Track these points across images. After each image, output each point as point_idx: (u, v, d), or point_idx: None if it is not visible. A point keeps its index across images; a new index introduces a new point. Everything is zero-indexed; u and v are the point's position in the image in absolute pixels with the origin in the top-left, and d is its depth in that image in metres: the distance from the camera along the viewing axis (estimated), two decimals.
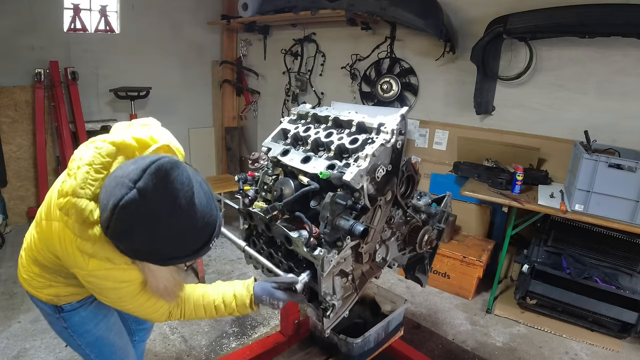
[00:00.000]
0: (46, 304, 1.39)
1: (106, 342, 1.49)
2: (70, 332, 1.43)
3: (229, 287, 1.42)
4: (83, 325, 1.43)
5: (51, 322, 1.45)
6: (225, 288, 1.41)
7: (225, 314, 1.40)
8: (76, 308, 1.41)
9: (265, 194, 1.63)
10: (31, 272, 1.35)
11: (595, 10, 2.65)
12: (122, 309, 1.27)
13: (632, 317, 2.69)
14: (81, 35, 4.38)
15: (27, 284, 1.39)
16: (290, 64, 4.87)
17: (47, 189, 4.48)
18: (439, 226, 1.81)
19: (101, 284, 1.17)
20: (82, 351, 1.48)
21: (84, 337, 1.44)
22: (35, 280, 1.35)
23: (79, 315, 1.41)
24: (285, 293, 1.38)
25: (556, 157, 3.24)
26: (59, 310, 1.39)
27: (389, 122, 1.38)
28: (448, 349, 2.70)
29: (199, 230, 1.01)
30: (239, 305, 1.39)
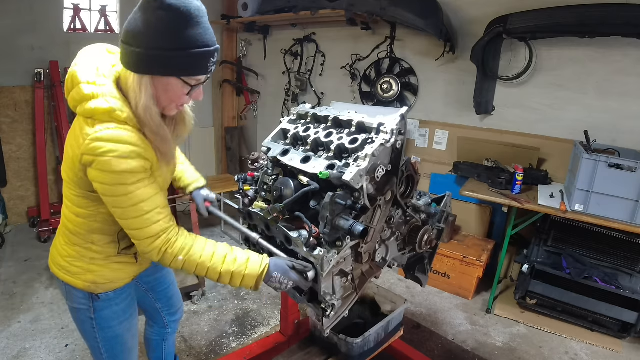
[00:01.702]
0: (81, 291, 1.40)
1: (121, 341, 1.52)
2: (94, 323, 1.44)
3: (243, 252, 1.35)
4: (109, 320, 1.45)
5: (77, 310, 1.45)
6: (240, 251, 1.34)
7: (227, 276, 1.30)
8: (111, 298, 1.43)
9: (265, 194, 1.63)
10: (68, 257, 1.37)
11: (595, 10, 2.65)
12: (125, 215, 1.20)
13: (632, 317, 2.69)
14: (81, 35, 4.39)
15: (63, 272, 1.39)
16: (290, 64, 4.87)
17: (47, 189, 4.47)
18: (438, 226, 1.81)
19: (112, 166, 1.12)
20: (95, 344, 1.49)
21: (104, 331, 1.46)
22: (73, 265, 1.37)
23: (110, 310, 1.44)
24: (297, 275, 1.34)
25: (556, 157, 3.24)
26: (93, 299, 1.41)
27: (389, 122, 1.38)
28: (448, 349, 2.70)
29: (207, 38, 1.15)
30: (248, 275, 1.30)
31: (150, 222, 1.21)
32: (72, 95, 1.19)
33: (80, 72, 1.19)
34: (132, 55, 1.12)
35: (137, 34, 1.10)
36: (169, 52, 1.11)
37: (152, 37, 1.09)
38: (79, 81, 1.17)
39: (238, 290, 3.25)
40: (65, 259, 1.38)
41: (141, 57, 1.11)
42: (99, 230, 1.34)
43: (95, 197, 1.24)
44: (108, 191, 1.17)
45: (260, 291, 3.25)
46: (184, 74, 1.17)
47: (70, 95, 1.20)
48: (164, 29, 1.08)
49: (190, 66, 1.16)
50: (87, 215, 1.31)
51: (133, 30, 1.10)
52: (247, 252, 1.34)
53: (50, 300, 2.99)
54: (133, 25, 1.10)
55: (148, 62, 1.12)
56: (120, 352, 1.54)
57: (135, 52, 1.11)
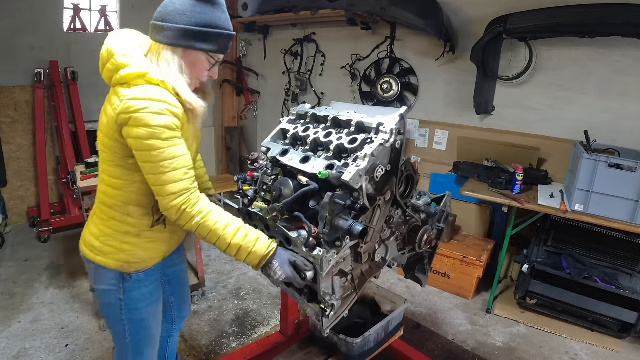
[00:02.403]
0: (113, 271, 1.44)
1: (146, 325, 1.56)
2: (122, 304, 1.48)
3: (255, 230, 1.39)
4: (138, 302, 1.50)
5: (106, 292, 1.48)
6: (252, 229, 1.38)
7: (235, 248, 1.33)
8: (141, 279, 1.48)
9: (265, 194, 1.63)
10: (102, 236, 1.43)
11: (595, 10, 2.65)
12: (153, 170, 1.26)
13: (632, 317, 2.69)
14: (81, 35, 4.39)
15: (96, 253, 1.44)
16: (290, 64, 4.87)
17: (47, 189, 4.49)
18: (438, 226, 1.81)
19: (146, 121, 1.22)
20: (121, 327, 1.52)
21: (131, 313, 1.50)
22: (107, 245, 1.43)
23: (139, 292, 1.49)
24: (294, 271, 1.37)
25: (556, 157, 3.24)
26: (124, 279, 1.46)
27: (388, 122, 1.38)
28: (448, 349, 2.70)
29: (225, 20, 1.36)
30: (254, 252, 1.34)
31: (176, 180, 1.27)
32: (107, 67, 1.32)
33: (115, 46, 1.32)
34: (168, 31, 1.29)
35: (175, 13, 1.28)
36: (203, 29, 1.30)
37: (189, 16, 1.28)
38: (113, 53, 1.31)
39: (238, 290, 3.25)
40: (99, 239, 1.44)
41: (177, 33, 1.29)
42: (134, 201, 1.40)
43: (131, 164, 1.33)
44: (141, 145, 1.24)
45: (260, 291, 3.25)
46: (211, 50, 1.35)
47: (106, 68, 1.33)
48: (199, 10, 1.29)
49: (216, 44, 1.35)
50: (122, 186, 1.38)
51: (171, 11, 1.29)
52: (258, 232, 1.39)
53: (50, 300, 2.99)
54: (170, 6, 1.29)
55: (184, 37, 1.30)
56: (145, 337, 1.58)
57: (173, 28, 1.29)
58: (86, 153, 4.19)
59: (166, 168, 1.26)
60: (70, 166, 3.91)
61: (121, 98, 1.25)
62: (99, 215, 1.46)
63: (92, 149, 4.35)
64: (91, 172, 2.90)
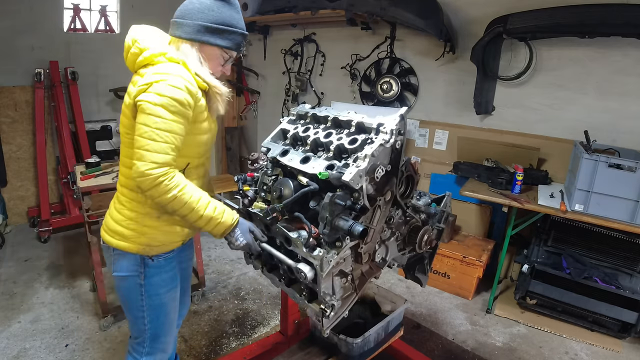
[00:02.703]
0: (134, 256, 1.49)
1: (165, 310, 1.60)
2: (143, 290, 1.52)
3: (220, 203, 1.46)
4: (158, 287, 1.55)
5: (126, 278, 1.52)
6: (218, 202, 1.46)
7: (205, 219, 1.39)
8: (162, 265, 1.53)
9: (265, 195, 1.63)
10: (124, 220, 1.48)
11: (595, 10, 2.65)
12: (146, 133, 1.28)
13: (632, 317, 2.69)
14: (81, 35, 4.39)
15: (118, 238, 1.49)
16: (290, 64, 4.87)
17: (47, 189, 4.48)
18: (438, 226, 1.81)
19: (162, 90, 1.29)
20: (140, 313, 1.56)
21: (152, 299, 1.55)
22: (128, 229, 1.47)
23: (160, 277, 1.54)
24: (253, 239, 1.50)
25: (556, 157, 3.24)
26: (145, 265, 1.50)
27: (388, 122, 1.38)
28: (448, 349, 2.70)
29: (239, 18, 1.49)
30: (222, 222, 1.42)
31: (164, 151, 1.30)
32: (131, 52, 1.42)
33: (139, 34, 1.44)
34: (187, 26, 1.42)
35: (194, 11, 1.41)
36: (220, 26, 1.43)
37: (207, 14, 1.41)
38: (137, 39, 1.41)
39: (238, 290, 3.25)
40: (121, 223, 1.48)
41: (196, 28, 1.41)
42: None
43: None
44: (147, 108, 1.29)
45: (260, 291, 3.25)
46: (226, 46, 1.47)
47: (130, 52, 1.42)
48: (217, 9, 1.42)
49: (231, 41, 1.47)
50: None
51: (191, 9, 1.42)
52: (222, 205, 1.47)
53: (50, 300, 2.99)
54: (190, 5, 1.43)
55: (203, 32, 1.42)
56: (163, 323, 1.62)
57: (192, 24, 1.41)
58: (86, 153, 4.19)
59: (160, 137, 1.29)
60: (70, 166, 3.91)
61: (143, 75, 1.35)
62: (120, 199, 1.51)
63: (92, 149, 4.35)
64: (91, 172, 2.90)
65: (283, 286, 1.64)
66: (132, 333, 1.66)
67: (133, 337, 1.66)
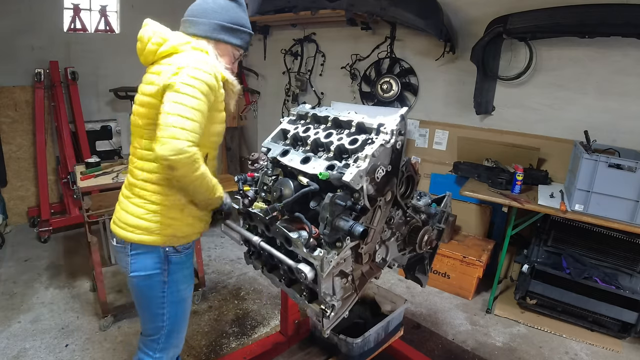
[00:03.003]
0: (159, 253, 1.51)
1: (184, 306, 1.65)
2: (166, 287, 1.56)
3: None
4: (179, 283, 1.59)
5: (149, 277, 1.54)
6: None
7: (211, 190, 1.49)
8: (183, 261, 1.58)
9: (265, 195, 1.63)
10: (147, 213, 1.48)
11: (595, 10, 2.65)
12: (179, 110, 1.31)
13: (632, 317, 2.69)
14: (81, 35, 4.39)
15: (140, 232, 1.49)
16: (290, 64, 4.87)
17: (47, 189, 4.47)
18: (438, 226, 1.81)
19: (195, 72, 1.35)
20: (160, 310, 1.59)
21: (173, 295, 1.58)
22: (153, 222, 1.48)
23: (181, 273, 1.59)
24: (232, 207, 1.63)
25: (556, 157, 3.24)
26: (169, 262, 1.53)
27: (389, 123, 1.38)
28: (448, 349, 2.70)
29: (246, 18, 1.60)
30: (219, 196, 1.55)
31: (195, 130, 1.33)
32: (151, 43, 1.46)
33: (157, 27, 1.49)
34: (203, 25, 1.50)
35: (209, 10, 1.50)
36: (233, 25, 1.54)
37: (221, 14, 1.51)
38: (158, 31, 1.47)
39: (238, 290, 3.25)
40: (143, 217, 1.48)
41: (214, 27, 1.50)
42: None
43: None
44: (181, 88, 1.32)
45: (260, 291, 3.25)
46: (237, 44, 1.57)
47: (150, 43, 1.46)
48: (229, 9, 1.52)
49: (242, 40, 1.58)
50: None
51: (205, 8, 1.51)
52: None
53: (50, 300, 2.99)
54: (204, 5, 1.51)
55: (218, 31, 1.51)
56: (182, 319, 1.66)
57: (207, 22, 1.50)
58: (86, 153, 4.19)
59: (194, 116, 1.33)
60: (70, 166, 3.91)
61: (169, 64, 1.40)
62: (141, 194, 1.50)
63: (92, 149, 4.35)
64: (91, 172, 2.89)
65: (283, 286, 1.64)
66: (146, 331, 1.67)
67: (146, 335, 1.66)
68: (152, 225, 1.48)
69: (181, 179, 1.36)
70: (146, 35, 1.47)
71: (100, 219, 3.40)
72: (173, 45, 1.44)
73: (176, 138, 1.28)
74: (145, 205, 1.49)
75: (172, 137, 1.27)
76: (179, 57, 1.41)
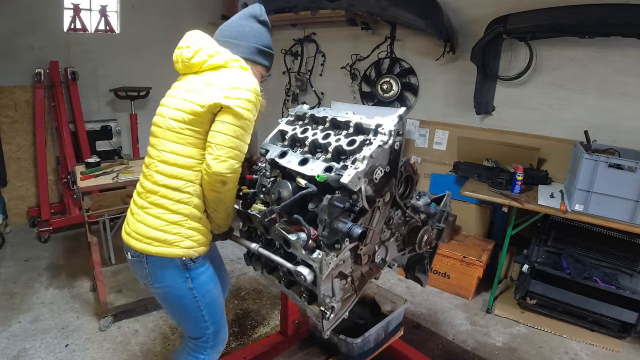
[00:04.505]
0: (176, 263, 1.51)
1: (218, 303, 1.68)
2: (195, 292, 1.56)
3: None
4: (206, 285, 1.60)
5: (173, 288, 1.55)
6: None
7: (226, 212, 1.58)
8: (203, 264, 1.58)
9: (264, 196, 1.63)
10: (167, 225, 1.48)
11: (595, 10, 2.64)
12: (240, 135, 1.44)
13: (632, 317, 2.69)
14: (81, 35, 4.39)
15: (158, 245, 1.49)
16: (290, 64, 4.87)
17: (47, 189, 4.46)
18: (438, 226, 1.81)
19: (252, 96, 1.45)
20: (198, 313, 1.60)
21: (205, 297, 1.59)
22: (172, 233, 1.48)
23: (204, 275, 1.59)
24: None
25: (556, 157, 3.24)
26: (188, 269, 1.53)
27: (387, 123, 1.38)
28: (448, 349, 2.70)
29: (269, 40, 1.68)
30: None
31: (245, 151, 1.48)
32: (203, 54, 1.51)
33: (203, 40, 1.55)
34: (245, 47, 1.59)
35: (249, 35, 1.60)
36: (266, 49, 1.65)
37: (258, 38, 1.62)
38: (209, 44, 1.54)
39: (238, 290, 3.25)
40: (162, 229, 1.48)
41: (253, 50, 1.60)
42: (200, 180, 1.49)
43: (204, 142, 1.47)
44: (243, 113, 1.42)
45: (260, 291, 3.25)
46: (267, 65, 1.68)
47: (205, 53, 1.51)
48: (263, 33, 1.64)
49: (270, 62, 1.70)
50: (193, 165, 1.48)
51: (242, 31, 1.60)
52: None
53: (50, 300, 2.99)
54: (241, 28, 1.60)
55: (256, 53, 1.62)
56: (220, 315, 1.70)
57: (249, 45, 1.59)
58: (86, 153, 4.19)
59: (249, 139, 1.48)
60: (70, 166, 3.91)
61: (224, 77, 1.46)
62: (160, 203, 1.50)
63: (92, 149, 4.35)
64: (91, 172, 2.89)
65: (283, 288, 1.64)
66: (192, 335, 1.68)
67: (194, 338, 1.68)
68: (170, 237, 1.48)
69: (226, 192, 1.47)
70: (197, 45, 1.52)
71: (100, 219, 3.40)
72: (226, 59, 1.50)
73: (234, 159, 1.42)
74: (164, 216, 1.49)
75: (231, 157, 1.42)
76: (231, 74, 1.47)
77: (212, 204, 1.52)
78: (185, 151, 1.47)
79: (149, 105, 4.73)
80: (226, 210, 1.57)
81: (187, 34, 1.59)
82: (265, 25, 1.64)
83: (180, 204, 1.48)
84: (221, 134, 1.41)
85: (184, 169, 1.47)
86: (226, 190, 1.47)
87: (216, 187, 1.45)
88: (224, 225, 1.62)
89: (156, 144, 1.53)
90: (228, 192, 1.48)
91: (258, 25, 1.62)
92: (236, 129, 1.42)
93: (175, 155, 1.47)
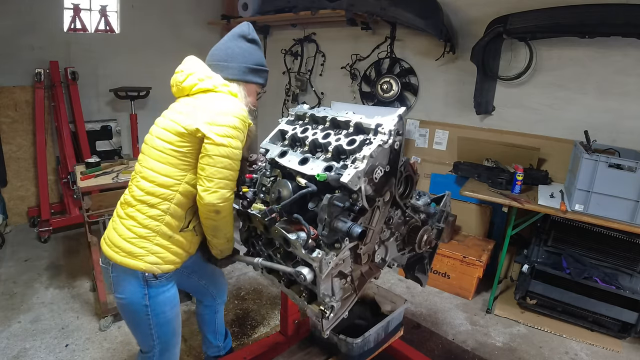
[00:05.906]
0: (143, 275, 1.51)
1: (171, 327, 1.66)
2: (149, 310, 1.56)
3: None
4: (163, 305, 1.59)
5: (130, 301, 1.55)
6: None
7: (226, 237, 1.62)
8: (164, 284, 1.58)
9: (264, 196, 1.63)
10: (135, 238, 1.50)
11: (595, 10, 2.65)
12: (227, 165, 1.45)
13: (632, 317, 2.69)
14: (81, 35, 4.39)
15: (123, 255, 1.50)
16: (290, 64, 4.87)
17: (47, 189, 4.45)
18: (438, 226, 1.81)
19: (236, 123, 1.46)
20: (147, 331, 1.61)
21: (158, 317, 1.59)
22: (139, 247, 1.50)
23: (164, 296, 1.59)
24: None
25: (556, 157, 3.24)
26: (149, 286, 1.53)
27: (387, 123, 1.38)
28: (448, 349, 2.70)
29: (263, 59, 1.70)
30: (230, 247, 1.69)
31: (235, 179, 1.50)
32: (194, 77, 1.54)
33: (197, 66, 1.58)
34: (235, 69, 1.60)
35: (239, 55, 1.61)
36: (257, 67, 1.65)
37: (247, 57, 1.62)
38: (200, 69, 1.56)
39: (238, 290, 3.25)
40: (130, 241, 1.50)
41: (244, 70, 1.61)
42: (176, 200, 1.51)
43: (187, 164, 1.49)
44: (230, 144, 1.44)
45: (260, 291, 3.25)
46: (261, 83, 1.69)
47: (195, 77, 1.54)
48: (253, 52, 1.64)
49: (264, 78, 1.70)
50: (172, 184, 1.50)
51: (231, 53, 1.61)
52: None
53: (50, 300, 2.99)
54: (230, 50, 1.62)
55: (248, 73, 1.63)
56: (172, 337, 1.68)
57: (239, 66, 1.60)
58: (86, 153, 4.19)
59: (237, 167, 1.49)
60: (70, 166, 3.91)
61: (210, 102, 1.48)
62: (133, 216, 1.52)
63: (92, 149, 4.35)
64: (91, 172, 2.89)
65: (283, 287, 1.64)
66: (141, 347, 1.71)
67: (142, 351, 1.70)
68: (135, 250, 1.50)
69: (221, 219, 1.50)
70: (189, 69, 1.56)
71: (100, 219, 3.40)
72: (215, 84, 1.53)
73: (224, 188, 1.45)
74: (133, 229, 1.51)
75: (221, 187, 1.44)
76: (218, 100, 1.49)
77: (210, 231, 1.56)
78: (164, 170, 1.49)
79: (149, 105, 4.73)
80: (225, 236, 1.61)
81: (184, 60, 1.62)
82: (255, 43, 1.65)
83: (151, 219, 1.50)
84: (209, 166, 1.43)
85: (161, 187, 1.49)
86: (221, 218, 1.50)
87: (211, 216, 1.50)
88: (226, 250, 1.66)
89: (141, 159, 1.56)
90: (223, 220, 1.52)
91: (247, 45, 1.63)
92: (222, 160, 1.43)
93: (154, 172, 1.50)
